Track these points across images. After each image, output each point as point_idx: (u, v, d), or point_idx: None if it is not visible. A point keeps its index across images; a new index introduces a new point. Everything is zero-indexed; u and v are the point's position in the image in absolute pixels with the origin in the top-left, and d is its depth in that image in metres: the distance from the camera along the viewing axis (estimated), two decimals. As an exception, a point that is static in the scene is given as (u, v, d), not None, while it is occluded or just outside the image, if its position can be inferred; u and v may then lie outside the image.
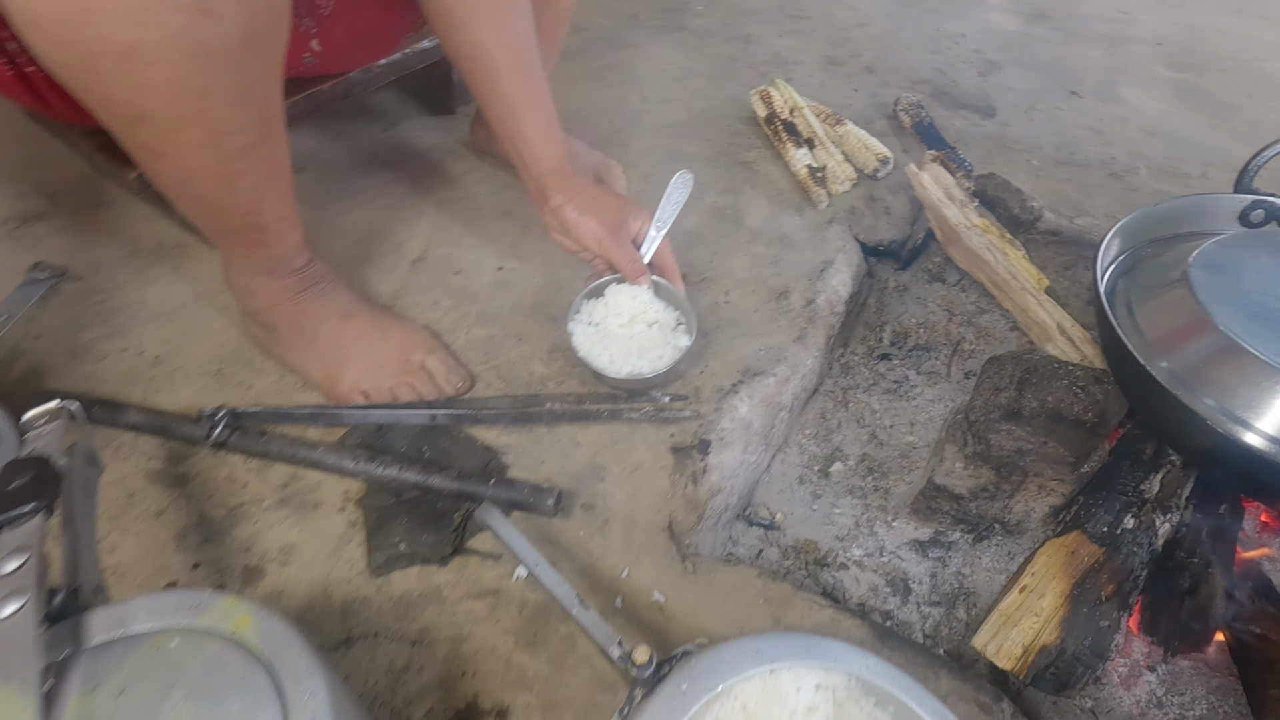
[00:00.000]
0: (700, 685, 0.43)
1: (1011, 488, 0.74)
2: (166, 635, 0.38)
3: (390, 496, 0.65)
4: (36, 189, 0.97)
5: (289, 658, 0.38)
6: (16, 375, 0.76)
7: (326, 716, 0.36)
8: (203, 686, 0.36)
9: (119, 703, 0.35)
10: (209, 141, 0.51)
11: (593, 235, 0.75)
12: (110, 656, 0.37)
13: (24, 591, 0.37)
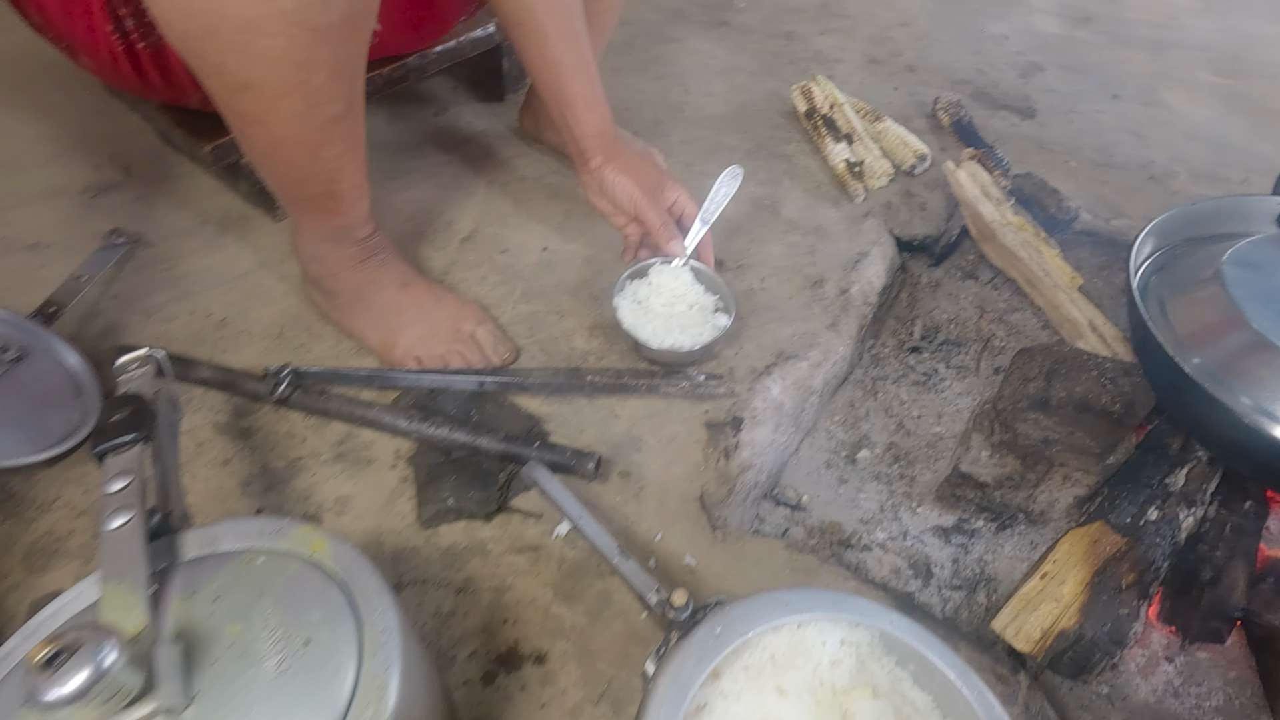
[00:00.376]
0: (733, 630, 0.46)
1: (1036, 477, 0.76)
2: (252, 554, 0.42)
3: (439, 455, 0.69)
4: (113, 161, 1.03)
5: (361, 579, 0.42)
6: (95, 332, 0.81)
7: (396, 631, 0.39)
8: (287, 597, 0.40)
9: (214, 606, 0.39)
10: (304, 111, 0.56)
11: (629, 196, 0.79)
12: (204, 569, 0.41)
13: (130, 508, 0.42)
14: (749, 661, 0.47)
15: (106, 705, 0.32)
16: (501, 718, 0.55)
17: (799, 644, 0.48)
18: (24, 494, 0.67)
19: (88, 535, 0.64)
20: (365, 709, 0.36)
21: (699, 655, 0.45)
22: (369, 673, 0.37)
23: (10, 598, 0.60)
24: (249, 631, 0.38)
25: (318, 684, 0.36)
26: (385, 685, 0.37)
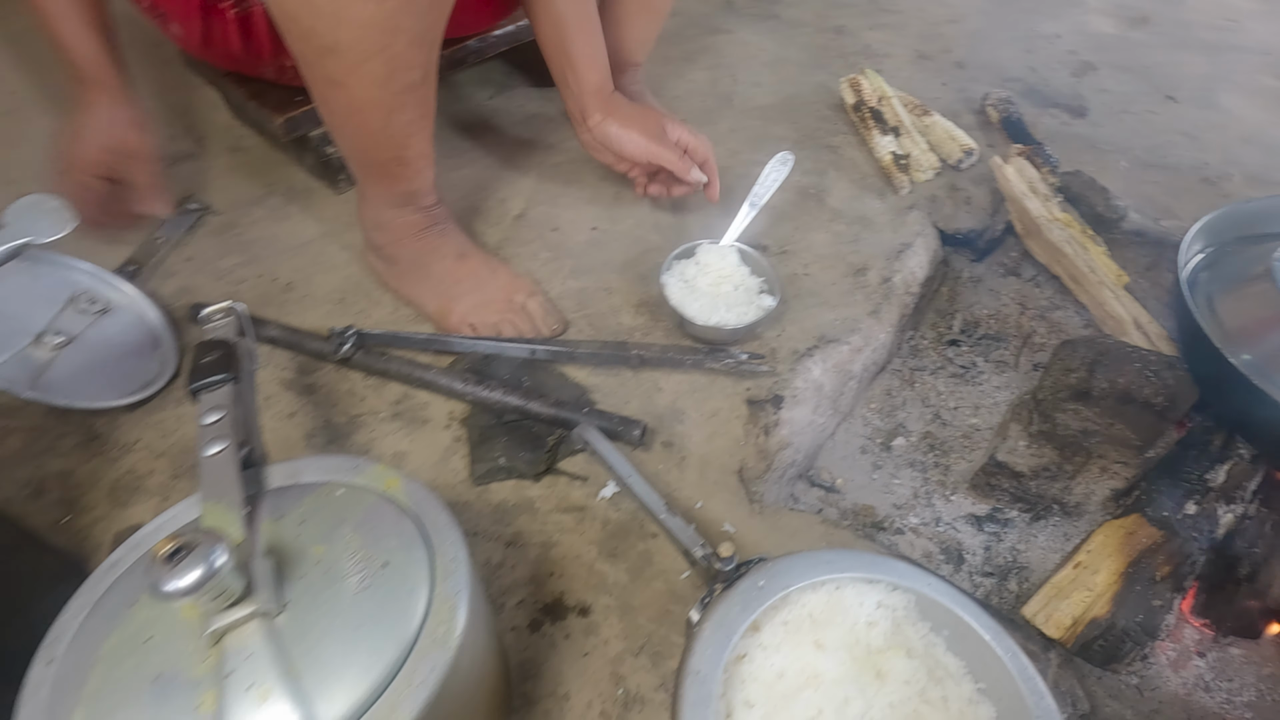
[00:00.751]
0: (776, 584, 0.48)
1: (1074, 468, 0.76)
2: (332, 486, 0.46)
3: (492, 418, 0.72)
4: (186, 133, 1.08)
5: (431, 514, 0.45)
6: (170, 291, 0.86)
7: (464, 561, 0.42)
8: (365, 525, 0.43)
9: (300, 529, 0.42)
10: (384, 76, 0.59)
11: (638, 145, 0.83)
12: (289, 497, 0.45)
13: (224, 438, 0.46)
14: (788, 618, 0.50)
15: (213, 603, 0.36)
16: (547, 662, 0.58)
17: (837, 604, 0.50)
18: (107, 436, 0.71)
19: (166, 475, 0.69)
20: (439, 626, 0.39)
21: (742, 605, 0.47)
22: (441, 595, 0.40)
23: (96, 528, 0.65)
24: (332, 552, 0.41)
25: (395, 601, 0.40)
26: (456, 607, 0.40)
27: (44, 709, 0.36)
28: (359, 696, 0.36)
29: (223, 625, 0.36)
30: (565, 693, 0.57)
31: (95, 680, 0.37)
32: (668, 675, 0.58)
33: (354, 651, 0.38)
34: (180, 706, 0.35)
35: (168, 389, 0.75)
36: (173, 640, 0.37)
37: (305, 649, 0.37)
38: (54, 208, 0.49)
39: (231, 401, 0.49)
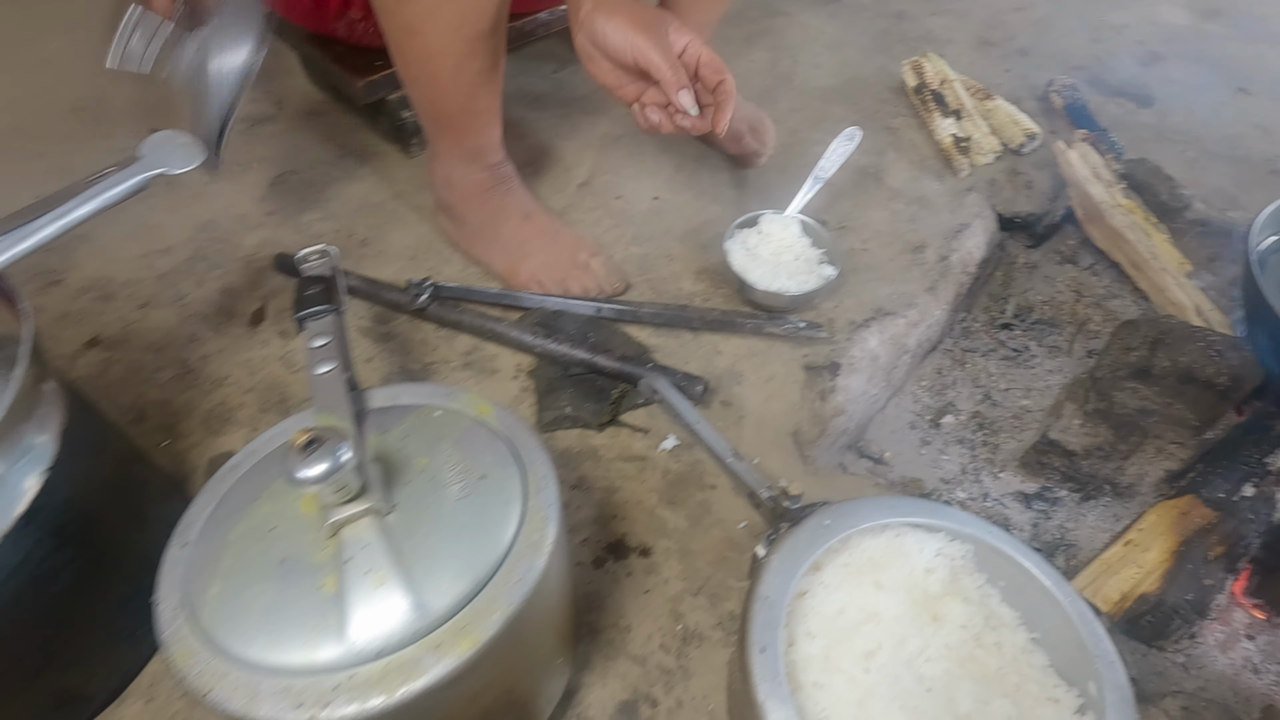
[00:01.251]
0: (840, 524, 0.50)
1: (1128, 449, 0.77)
2: (430, 409, 0.49)
3: (558, 370, 0.75)
4: (266, 96, 1.13)
5: (522, 437, 0.48)
6: (254, 242, 0.91)
7: (553, 480, 0.45)
8: (463, 443, 0.46)
9: (404, 443, 0.46)
10: (458, 22, 0.62)
11: (622, 38, 0.62)
12: (391, 416, 0.48)
13: (331, 359, 0.49)
14: (849, 560, 0.52)
15: (334, 495, 0.39)
16: (610, 597, 0.61)
17: (897, 550, 0.52)
18: (200, 371, 0.76)
19: (254, 409, 0.73)
20: (533, 533, 0.42)
21: (808, 541, 0.49)
22: (534, 507, 0.44)
23: (192, 453, 0.70)
24: (434, 463, 0.45)
25: (493, 510, 0.43)
26: (548, 519, 0.43)
27: (181, 583, 0.40)
28: (462, 590, 0.40)
29: (341, 518, 0.40)
30: (627, 625, 0.60)
31: (227, 561, 0.40)
32: (725, 616, 0.61)
33: (457, 550, 0.41)
34: (305, 585, 0.39)
35: (255, 332, 0.80)
36: (295, 531, 0.41)
37: (413, 545, 0.41)
38: (184, 142, 0.53)
39: (334, 329, 0.53)
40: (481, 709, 0.43)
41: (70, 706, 0.53)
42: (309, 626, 0.38)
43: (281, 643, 0.38)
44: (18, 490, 0.44)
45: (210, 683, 0.37)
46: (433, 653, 0.38)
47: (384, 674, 0.37)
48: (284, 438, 0.48)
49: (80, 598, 0.49)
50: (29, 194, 0.93)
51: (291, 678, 0.37)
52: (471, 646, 0.38)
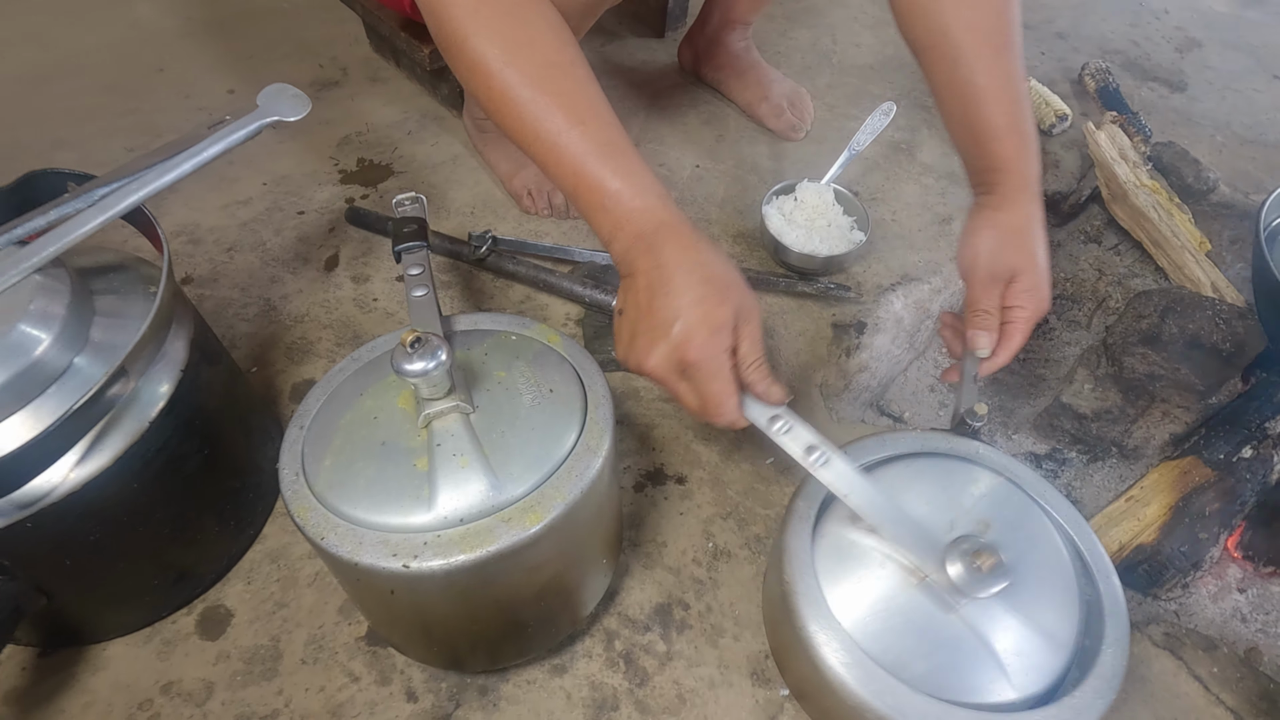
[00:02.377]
0: (881, 447, 0.56)
1: (1136, 412, 0.82)
2: (507, 334, 0.56)
3: (604, 319, 0.82)
4: (332, 63, 1.21)
5: (584, 363, 0.55)
6: (326, 196, 0.98)
7: (609, 398, 0.52)
8: (535, 363, 0.53)
9: (485, 358, 0.53)
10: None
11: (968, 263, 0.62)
12: (473, 337, 0.55)
13: (425, 285, 0.56)
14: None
15: (429, 391, 0.47)
16: (649, 516, 0.68)
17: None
18: (282, 308, 0.84)
19: (331, 343, 0.81)
20: (592, 439, 0.49)
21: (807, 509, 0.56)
22: (593, 419, 0.50)
23: (277, 379, 0.78)
24: (510, 376, 0.52)
25: (558, 419, 0.50)
26: (605, 429, 0.50)
27: (299, 456, 0.48)
28: (531, 479, 0.47)
29: (433, 412, 0.47)
30: (664, 541, 0.67)
31: (338, 441, 0.48)
32: (751, 538, 0.68)
33: (527, 447, 0.48)
34: (402, 463, 0.46)
35: (330, 275, 0.88)
36: (393, 421, 0.49)
37: (491, 439, 0.48)
38: (295, 93, 0.60)
39: (425, 262, 0.60)
40: (539, 583, 0.50)
41: (185, 582, 0.61)
42: (404, 495, 0.45)
43: (381, 506, 0.45)
44: (161, 386, 0.53)
45: (324, 532, 0.45)
46: (504, 524, 0.45)
47: (464, 537, 0.44)
48: (382, 349, 0.56)
49: (200, 485, 0.58)
50: (122, 146, 1.02)
51: (389, 533, 0.44)
52: (536, 523, 0.45)
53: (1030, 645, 0.48)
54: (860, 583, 0.51)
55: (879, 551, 0.52)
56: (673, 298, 0.50)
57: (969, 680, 0.47)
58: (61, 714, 0.56)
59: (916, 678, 0.47)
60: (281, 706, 0.57)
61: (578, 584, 0.56)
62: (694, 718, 0.58)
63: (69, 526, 0.49)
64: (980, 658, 0.48)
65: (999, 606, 0.48)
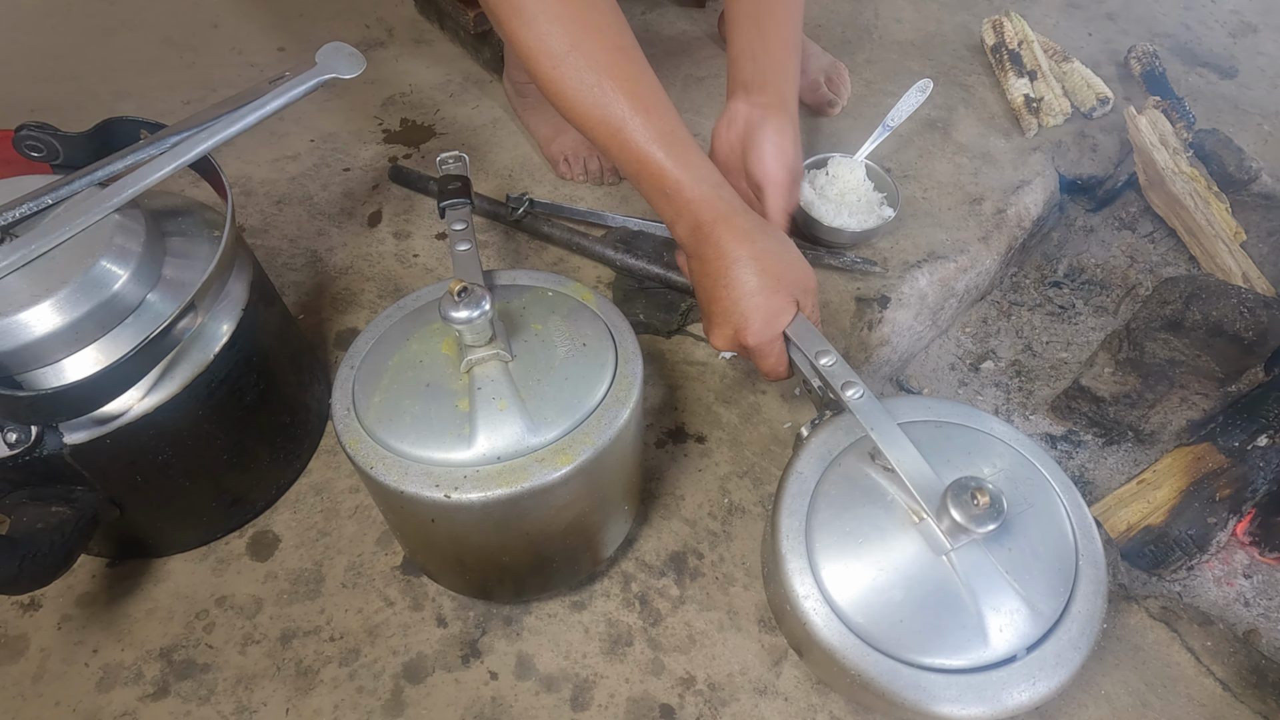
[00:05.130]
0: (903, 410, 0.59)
1: (1155, 397, 0.83)
2: (544, 290, 0.59)
3: (634, 283, 0.85)
4: (378, 23, 1.23)
5: (615, 319, 0.57)
6: (370, 155, 1.02)
7: (638, 353, 0.55)
8: (570, 317, 0.56)
9: (523, 312, 0.56)
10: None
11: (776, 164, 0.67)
12: (513, 291, 0.58)
13: (468, 240, 0.60)
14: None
15: (473, 337, 0.50)
16: (668, 471, 0.72)
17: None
18: (327, 260, 0.89)
19: (374, 295, 0.85)
20: (621, 390, 0.52)
21: (846, 428, 0.58)
22: (623, 372, 0.53)
23: (323, 326, 0.82)
24: (546, 329, 0.55)
25: (591, 368, 0.53)
26: (633, 382, 0.53)
27: (350, 393, 0.52)
28: (563, 424, 0.50)
29: (475, 358, 0.51)
30: (681, 494, 0.71)
31: (386, 380, 0.52)
32: (765, 496, 0.71)
33: (561, 394, 0.51)
34: (445, 403, 0.50)
35: (373, 231, 0.92)
36: (438, 364, 0.52)
37: (528, 385, 0.51)
38: (351, 51, 0.63)
39: (468, 217, 0.63)
40: (566, 521, 0.54)
41: (239, 506, 0.66)
42: (446, 433, 0.49)
43: (425, 441, 0.49)
44: (223, 324, 0.57)
45: (372, 462, 0.49)
46: (537, 464, 0.49)
47: (500, 473, 0.48)
48: (428, 299, 0.59)
49: (256, 417, 0.62)
50: (180, 98, 1.06)
51: (432, 466, 0.48)
52: (566, 464, 0.49)
53: (1012, 606, 0.49)
54: (853, 532, 0.53)
55: (877, 498, 0.54)
56: (731, 289, 0.58)
57: (948, 634, 0.49)
58: (127, 618, 0.62)
59: (897, 629, 0.49)
60: (323, 624, 0.62)
61: (600, 525, 0.59)
62: (703, 657, 0.61)
63: (141, 446, 0.54)
64: (963, 611, 0.49)
65: (990, 564, 0.50)
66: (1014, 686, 0.48)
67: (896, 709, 0.49)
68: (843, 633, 0.50)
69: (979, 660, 0.48)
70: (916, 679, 0.48)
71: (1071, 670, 0.48)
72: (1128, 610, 0.68)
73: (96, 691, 0.58)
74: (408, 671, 0.60)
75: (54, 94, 1.06)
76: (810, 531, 0.53)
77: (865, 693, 0.50)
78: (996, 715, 0.47)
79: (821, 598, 0.51)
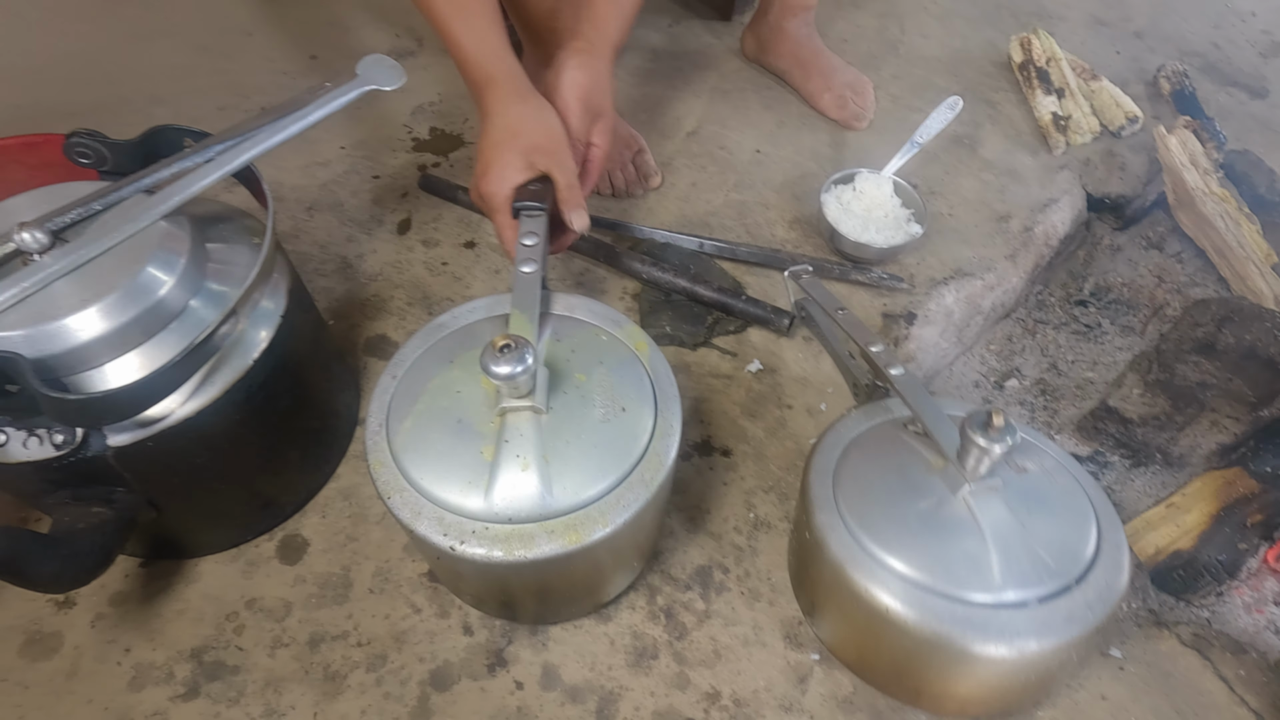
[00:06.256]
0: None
1: (1184, 420, 0.82)
2: (599, 330, 0.58)
3: (660, 295, 0.85)
4: (408, 33, 1.25)
5: (663, 380, 0.56)
6: (399, 163, 1.03)
7: (678, 430, 0.54)
8: (617, 371, 0.55)
9: (571, 355, 0.55)
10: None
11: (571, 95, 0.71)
12: (567, 327, 0.57)
13: (535, 261, 0.59)
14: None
15: (511, 390, 0.49)
16: (693, 484, 0.72)
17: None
18: (357, 267, 0.90)
19: (403, 302, 0.86)
20: (647, 471, 0.51)
21: (866, 413, 0.59)
22: (655, 449, 0.52)
23: (352, 333, 0.83)
24: (589, 383, 0.54)
25: (623, 440, 0.52)
26: (664, 462, 0.52)
27: (385, 407, 0.53)
28: (581, 496, 0.49)
29: (509, 406, 0.50)
30: (707, 508, 0.71)
31: (421, 405, 0.52)
32: (790, 512, 0.71)
33: (585, 463, 0.50)
34: (471, 446, 0.50)
35: (403, 238, 0.93)
36: (473, 400, 0.52)
37: (555, 447, 0.50)
38: (391, 64, 0.64)
39: (541, 231, 0.62)
40: (569, 581, 0.54)
41: (269, 510, 0.67)
42: (465, 479, 0.49)
43: (444, 482, 0.49)
44: (261, 330, 0.58)
45: (392, 492, 0.49)
46: (546, 535, 0.48)
47: (508, 536, 0.48)
48: (483, 312, 0.59)
49: (289, 423, 0.63)
50: (214, 104, 1.08)
51: (444, 511, 0.48)
52: (575, 542, 0.48)
53: (1025, 555, 0.51)
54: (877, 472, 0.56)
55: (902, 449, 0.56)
56: (481, 141, 0.67)
57: (958, 565, 0.50)
58: (159, 618, 0.63)
59: (910, 550, 0.51)
60: (351, 629, 0.63)
61: (605, 580, 0.59)
62: (728, 672, 0.61)
63: (181, 449, 0.54)
64: (975, 547, 0.51)
65: (1007, 513, 0.52)
66: (1021, 629, 0.48)
67: (900, 630, 0.50)
68: (852, 546, 0.52)
69: (988, 598, 0.49)
70: (922, 599, 0.49)
71: (1083, 629, 0.48)
72: (1158, 636, 0.67)
73: (128, 690, 0.59)
74: (434, 679, 0.60)
75: (91, 98, 1.08)
76: (838, 473, 0.56)
77: (871, 615, 0.50)
78: (997, 651, 0.48)
79: (839, 518, 0.53)
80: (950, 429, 0.54)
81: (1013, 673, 0.50)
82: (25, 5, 1.21)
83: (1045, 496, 0.54)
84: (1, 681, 0.59)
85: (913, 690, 0.56)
